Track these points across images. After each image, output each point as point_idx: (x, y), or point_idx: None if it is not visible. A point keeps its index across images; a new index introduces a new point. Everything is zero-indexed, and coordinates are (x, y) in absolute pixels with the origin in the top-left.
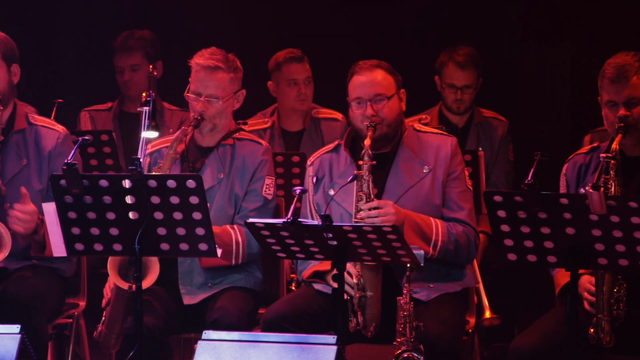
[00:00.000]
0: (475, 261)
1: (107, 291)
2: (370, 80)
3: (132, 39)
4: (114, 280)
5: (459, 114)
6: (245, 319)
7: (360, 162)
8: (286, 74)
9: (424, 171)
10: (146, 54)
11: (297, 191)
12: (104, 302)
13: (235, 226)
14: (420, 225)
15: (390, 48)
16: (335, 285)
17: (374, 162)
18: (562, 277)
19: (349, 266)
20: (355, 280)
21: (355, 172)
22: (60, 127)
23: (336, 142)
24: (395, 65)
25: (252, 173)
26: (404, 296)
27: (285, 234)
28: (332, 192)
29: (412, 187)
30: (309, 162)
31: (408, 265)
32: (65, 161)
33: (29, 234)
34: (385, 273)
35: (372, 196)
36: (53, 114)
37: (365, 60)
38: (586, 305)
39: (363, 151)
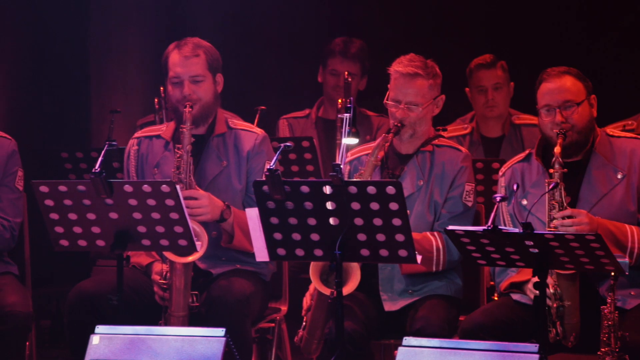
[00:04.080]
0: None
1: (307, 300)
2: (558, 87)
3: (355, 47)
4: (316, 285)
5: None
6: (447, 328)
7: (552, 171)
8: (475, 80)
9: (618, 177)
10: (363, 66)
11: (498, 198)
12: (303, 311)
13: (435, 233)
14: (614, 234)
15: (588, 56)
16: (533, 294)
17: (565, 169)
18: None
19: None
20: (552, 290)
21: (548, 180)
22: (258, 130)
23: (527, 151)
24: (595, 73)
25: (452, 180)
26: (608, 305)
27: (485, 241)
28: (525, 202)
29: (605, 195)
30: (500, 173)
31: (612, 274)
32: (268, 167)
33: (217, 220)
34: (583, 280)
35: (565, 204)
36: (256, 120)
37: (554, 67)
38: None
39: (554, 159)
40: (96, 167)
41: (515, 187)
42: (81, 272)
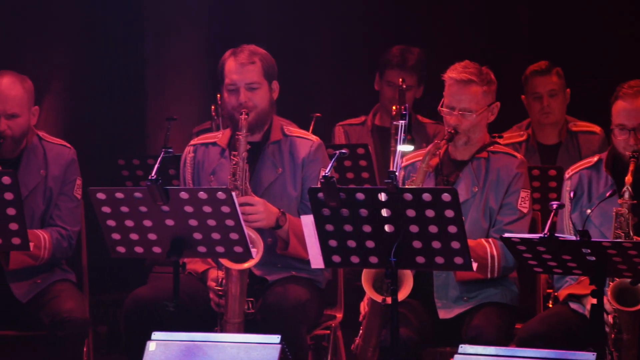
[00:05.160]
0: None
1: (364, 306)
2: (634, 109)
3: (413, 59)
4: (367, 292)
5: None
6: (502, 336)
7: (620, 201)
8: (530, 87)
9: None
10: (421, 77)
11: (554, 206)
12: (361, 317)
13: (490, 239)
14: None
15: None
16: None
17: (635, 201)
18: None
19: (605, 301)
20: (611, 321)
21: (615, 209)
22: (314, 137)
23: (597, 157)
24: None
25: (507, 186)
26: None
27: (542, 249)
28: (589, 212)
29: None
30: (566, 176)
31: None
32: (323, 174)
33: (272, 227)
34: None
35: (632, 234)
36: (311, 127)
37: (631, 82)
38: None
39: (624, 189)
40: (152, 174)
41: (572, 195)
42: (138, 278)
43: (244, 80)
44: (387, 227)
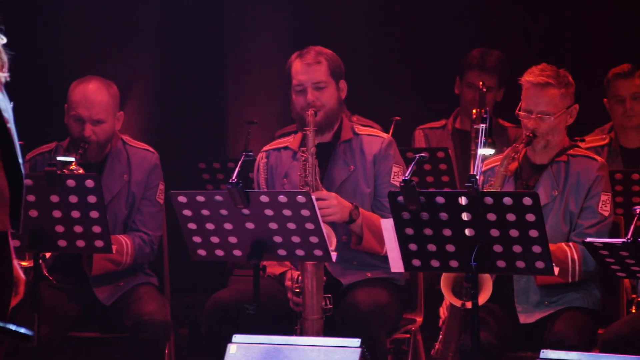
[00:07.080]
0: None
1: (443, 311)
2: None
3: (493, 60)
4: (447, 297)
5: None
6: (586, 341)
7: None
8: (612, 90)
9: None
10: (501, 77)
11: (638, 210)
12: (440, 322)
13: (570, 243)
14: None
15: None
16: None
17: None
18: None
19: None
20: None
21: None
22: (384, 134)
23: None
24: None
25: (587, 189)
26: None
27: (624, 253)
28: None
29: None
30: None
31: None
32: (404, 178)
33: (346, 221)
34: None
35: None
36: (391, 131)
37: None
38: None
39: None
40: (233, 178)
41: None
42: (218, 282)
43: (311, 79)
44: (467, 231)
